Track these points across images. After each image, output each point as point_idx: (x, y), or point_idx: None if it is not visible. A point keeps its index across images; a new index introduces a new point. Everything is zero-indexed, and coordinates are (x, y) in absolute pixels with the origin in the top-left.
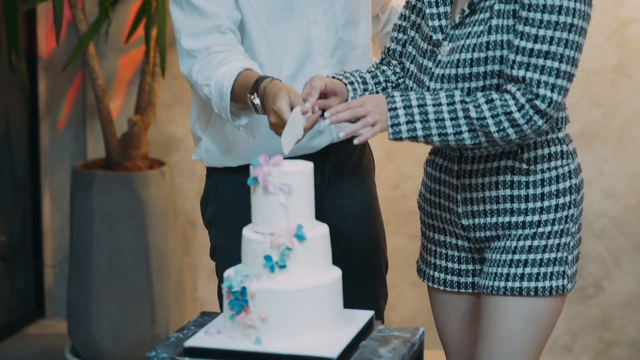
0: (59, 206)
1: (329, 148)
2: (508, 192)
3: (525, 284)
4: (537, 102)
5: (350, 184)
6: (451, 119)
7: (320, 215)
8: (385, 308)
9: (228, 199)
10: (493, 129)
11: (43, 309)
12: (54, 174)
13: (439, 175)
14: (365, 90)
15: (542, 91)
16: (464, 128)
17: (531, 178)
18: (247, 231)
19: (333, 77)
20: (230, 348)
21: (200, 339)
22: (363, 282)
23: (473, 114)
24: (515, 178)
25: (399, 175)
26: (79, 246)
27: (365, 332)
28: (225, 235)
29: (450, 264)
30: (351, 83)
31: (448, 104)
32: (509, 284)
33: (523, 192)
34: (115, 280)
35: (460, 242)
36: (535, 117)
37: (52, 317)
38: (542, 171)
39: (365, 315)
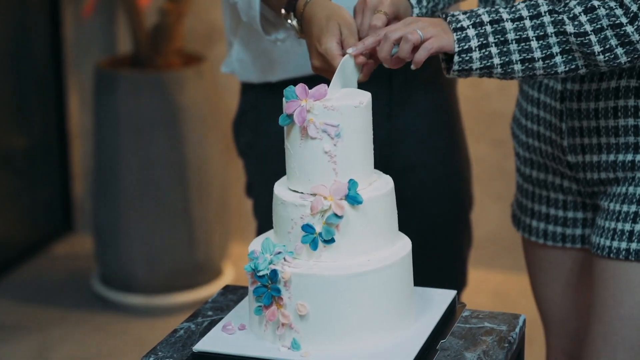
0: (87, 107)
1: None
2: (631, 121)
3: None
4: None
5: (426, 101)
6: (537, 38)
7: (388, 143)
8: (469, 255)
9: (267, 125)
10: (597, 48)
11: (71, 224)
12: (80, 70)
13: (538, 96)
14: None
15: None
16: (556, 49)
17: None
18: (279, 188)
19: None
20: (253, 356)
21: (213, 340)
22: (442, 226)
23: (570, 28)
24: None
25: None
26: (104, 158)
27: (445, 322)
28: (263, 169)
29: (552, 211)
30: None
31: (531, 17)
32: (634, 245)
33: None
34: (146, 197)
35: (566, 184)
36: None
37: (81, 231)
38: None
39: (444, 297)
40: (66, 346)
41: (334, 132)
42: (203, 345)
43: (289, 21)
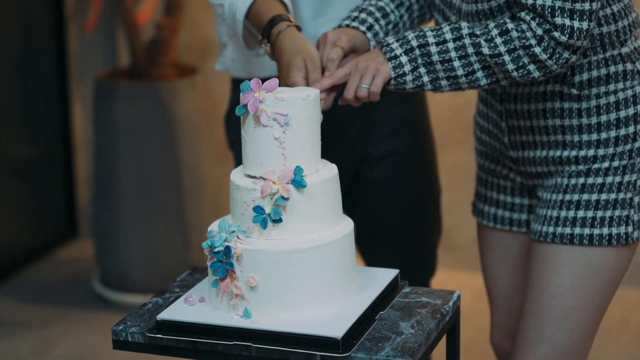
0: (90, 117)
1: None
2: (558, 121)
3: (577, 230)
4: (556, 34)
5: (393, 95)
6: (459, 58)
7: (363, 132)
8: (439, 243)
9: None
10: (511, 66)
11: (75, 230)
12: (84, 82)
13: (486, 97)
14: (388, 24)
15: (558, 20)
16: (477, 66)
17: (584, 105)
18: (235, 175)
19: (347, 26)
20: (210, 323)
21: (176, 310)
22: (412, 212)
23: (485, 49)
24: (566, 105)
25: None
26: (103, 165)
27: (386, 297)
28: None
29: (502, 197)
30: (370, 28)
31: (454, 40)
32: (559, 229)
33: (575, 121)
34: (143, 201)
35: (512, 175)
36: (559, 50)
37: (85, 237)
38: (598, 96)
39: (387, 275)
40: (67, 342)
41: (283, 120)
42: (166, 314)
43: (264, 46)
